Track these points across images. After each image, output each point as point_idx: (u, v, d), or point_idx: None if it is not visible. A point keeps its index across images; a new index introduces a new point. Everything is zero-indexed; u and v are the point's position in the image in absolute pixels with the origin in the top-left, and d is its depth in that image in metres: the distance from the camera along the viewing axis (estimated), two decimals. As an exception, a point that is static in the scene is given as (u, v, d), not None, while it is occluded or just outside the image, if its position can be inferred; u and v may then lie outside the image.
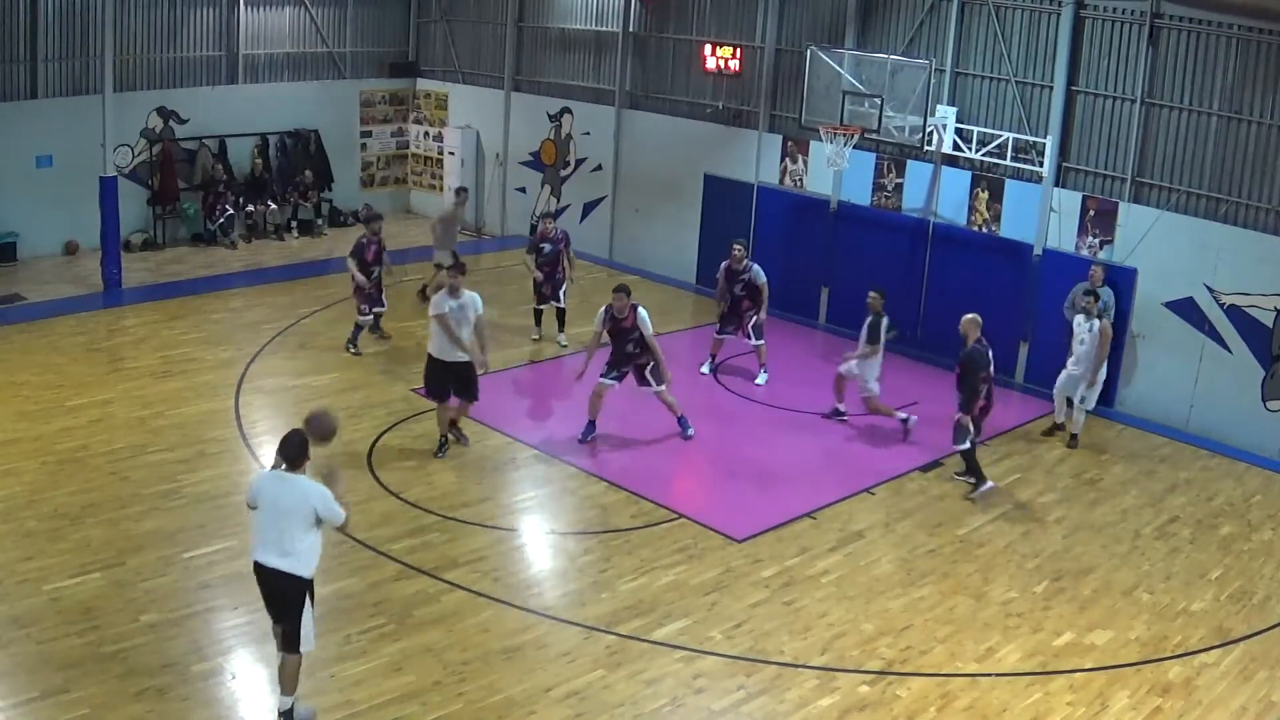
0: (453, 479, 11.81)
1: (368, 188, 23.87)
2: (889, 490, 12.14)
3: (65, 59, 19.07)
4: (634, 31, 20.24)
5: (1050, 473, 12.92)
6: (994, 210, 15.83)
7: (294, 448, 7.59)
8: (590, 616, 9.37)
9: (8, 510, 10.47)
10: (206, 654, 8.48)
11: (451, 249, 17.01)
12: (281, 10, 21.86)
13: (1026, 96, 15.45)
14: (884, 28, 16.84)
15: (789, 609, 9.69)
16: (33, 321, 15.98)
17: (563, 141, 21.69)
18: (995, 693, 8.64)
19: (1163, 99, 14.26)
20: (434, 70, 23.86)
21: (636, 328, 12.60)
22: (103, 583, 9.33)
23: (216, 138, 20.99)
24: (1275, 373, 13.63)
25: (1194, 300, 14.13)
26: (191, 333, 15.89)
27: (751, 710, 8.29)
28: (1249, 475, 13.16)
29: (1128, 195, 14.69)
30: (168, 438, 12.33)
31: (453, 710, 8.07)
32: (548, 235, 16.16)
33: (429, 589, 9.63)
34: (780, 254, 18.25)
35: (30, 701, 7.79)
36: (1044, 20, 15.14)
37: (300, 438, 7.67)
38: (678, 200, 19.70)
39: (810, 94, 15.83)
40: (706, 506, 11.56)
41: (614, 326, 12.65)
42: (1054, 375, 14.22)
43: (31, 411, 12.79)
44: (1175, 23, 14.01)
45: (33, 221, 18.83)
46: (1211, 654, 9.34)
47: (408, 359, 15.11)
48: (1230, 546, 11.34)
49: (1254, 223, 13.71)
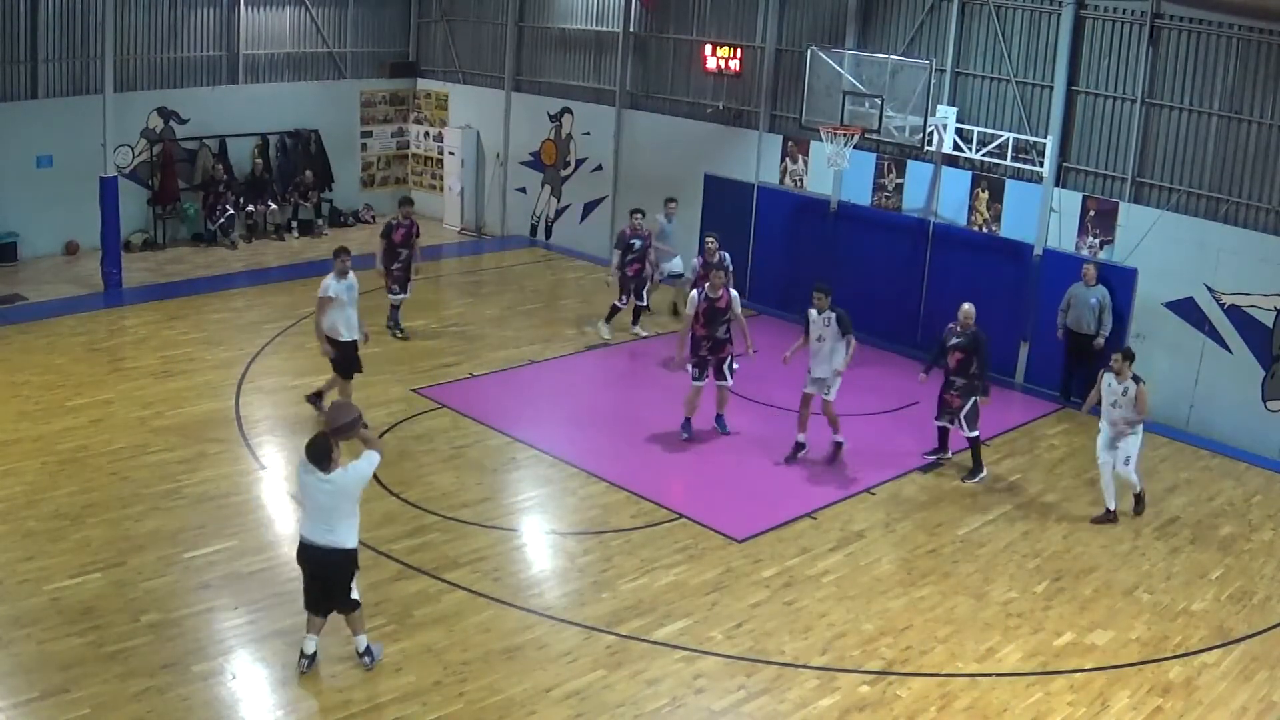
0: (453, 479, 11.81)
1: (368, 188, 23.87)
2: (889, 490, 12.13)
3: (65, 59, 19.08)
4: (634, 31, 20.24)
5: (1050, 473, 12.92)
6: (994, 210, 15.83)
7: (319, 451, 8.03)
8: (590, 616, 9.37)
9: (8, 510, 10.47)
10: (206, 654, 8.48)
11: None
12: (282, 10, 21.86)
13: (1027, 96, 15.45)
14: (884, 28, 16.84)
15: (789, 609, 9.68)
16: (33, 321, 15.98)
17: (563, 141, 21.70)
18: (995, 693, 8.64)
19: (1163, 99, 14.26)
20: (434, 70, 23.86)
21: (730, 308, 12.75)
22: (103, 583, 9.33)
23: (217, 138, 21.00)
24: (1275, 373, 13.63)
25: (1194, 300, 14.13)
26: (191, 333, 15.89)
27: (752, 710, 8.29)
28: (1249, 475, 13.16)
29: (1128, 195, 14.69)
30: (168, 438, 12.32)
31: (453, 710, 8.07)
32: (638, 232, 16.28)
33: (429, 589, 9.63)
34: (780, 254, 18.28)
35: (30, 701, 7.79)
36: (1044, 20, 15.14)
37: (324, 441, 8.09)
38: (678, 200, 19.65)
39: (810, 94, 15.83)
40: (706, 506, 11.55)
41: (708, 308, 12.71)
42: (1054, 375, 14.26)
43: (32, 411, 12.79)
44: (1175, 23, 14.01)
45: (33, 221, 18.83)
46: (1212, 654, 9.33)
47: (407, 359, 15.12)
48: (1230, 546, 11.34)
49: (1254, 223, 13.71)
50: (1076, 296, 14.46)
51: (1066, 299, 14.54)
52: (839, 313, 12.45)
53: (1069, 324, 14.58)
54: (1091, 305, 14.29)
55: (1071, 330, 14.56)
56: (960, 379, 12.29)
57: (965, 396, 12.29)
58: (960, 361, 12.23)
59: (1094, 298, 14.29)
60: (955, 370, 12.31)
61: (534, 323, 17.21)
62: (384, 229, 15.91)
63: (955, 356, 12.27)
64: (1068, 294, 14.55)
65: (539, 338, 16.49)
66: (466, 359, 15.47)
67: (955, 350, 12.26)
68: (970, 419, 12.31)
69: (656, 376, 15.18)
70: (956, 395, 12.34)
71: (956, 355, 12.26)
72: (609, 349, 16.18)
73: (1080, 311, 14.41)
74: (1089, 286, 14.36)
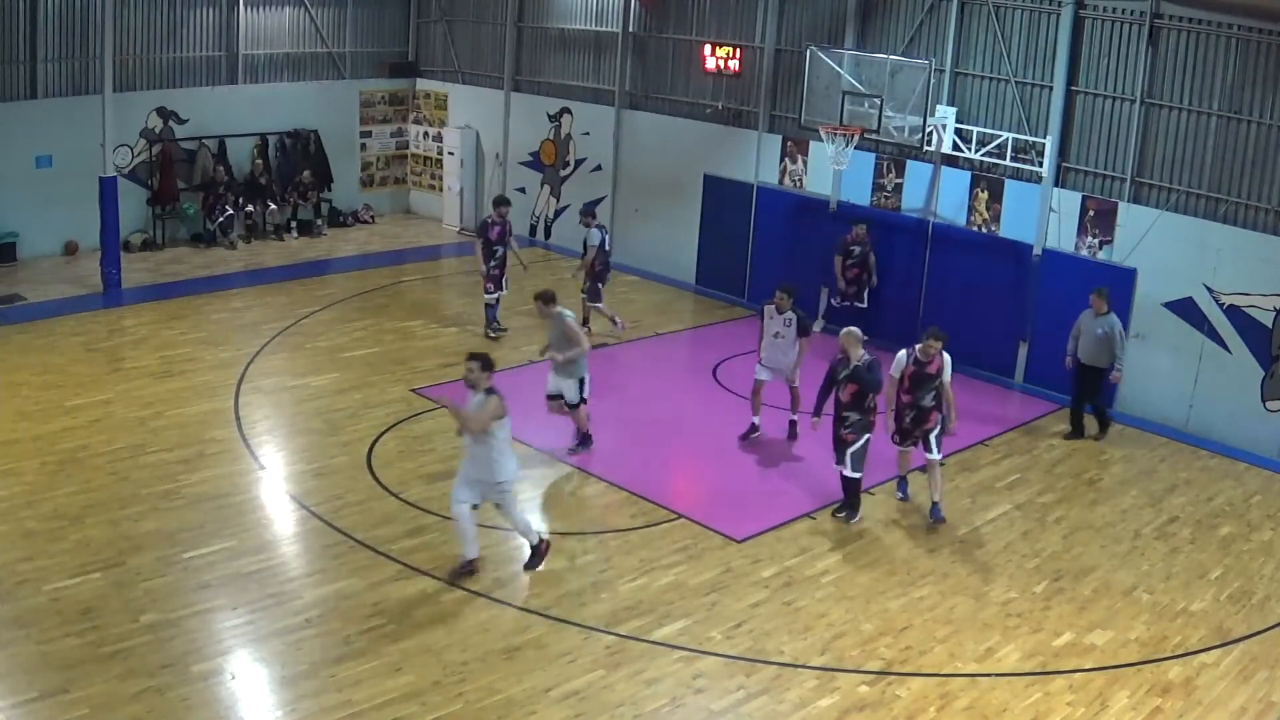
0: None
1: (367, 188, 23.88)
2: (889, 490, 12.13)
3: (65, 59, 19.07)
4: (634, 31, 20.24)
5: (1050, 473, 12.92)
6: (994, 210, 15.83)
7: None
8: (590, 616, 9.37)
9: (8, 510, 10.46)
10: (206, 654, 8.48)
11: None
12: (281, 10, 21.85)
13: (1026, 96, 15.45)
14: (884, 28, 16.84)
15: (789, 609, 9.68)
16: (32, 322, 15.98)
17: (562, 141, 21.70)
18: (995, 693, 8.64)
19: (1162, 99, 14.27)
20: (434, 70, 23.86)
21: (940, 375, 11.20)
22: (102, 583, 9.33)
23: (216, 138, 20.99)
24: (1275, 373, 13.63)
25: (1194, 300, 14.13)
26: (191, 333, 15.89)
27: (751, 710, 8.29)
28: (1249, 475, 13.16)
29: (1127, 195, 14.69)
30: (167, 438, 12.32)
31: (453, 710, 8.07)
32: (859, 238, 16.36)
33: (429, 589, 9.63)
34: (780, 254, 18.28)
35: (30, 701, 7.79)
36: (1044, 20, 15.14)
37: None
38: (678, 200, 19.70)
39: (810, 94, 15.83)
40: (706, 506, 11.56)
41: (916, 372, 11.24)
42: (1054, 375, 14.22)
43: (31, 411, 12.79)
44: (1175, 23, 14.01)
45: (33, 221, 18.83)
46: (1211, 654, 9.33)
47: (407, 358, 15.12)
48: (1230, 546, 11.35)
49: (1254, 223, 13.71)
50: (1084, 327, 13.55)
51: (1076, 327, 13.66)
52: (800, 315, 12.72)
53: (1079, 354, 13.64)
54: (1098, 336, 13.39)
55: (1081, 361, 13.64)
56: (854, 414, 11.03)
57: (859, 433, 11.05)
58: (854, 394, 11.01)
59: (1101, 329, 13.38)
60: (848, 404, 11.06)
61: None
62: (479, 226, 16.37)
63: (848, 389, 11.04)
64: (1077, 322, 13.65)
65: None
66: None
67: (846, 382, 11.08)
68: (857, 459, 11.10)
69: (656, 376, 15.18)
70: (850, 432, 11.06)
71: (849, 388, 11.03)
72: (609, 349, 16.18)
73: (1087, 342, 13.52)
74: (1098, 316, 13.45)
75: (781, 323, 12.74)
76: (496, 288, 16.19)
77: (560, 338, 12.25)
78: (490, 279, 16.07)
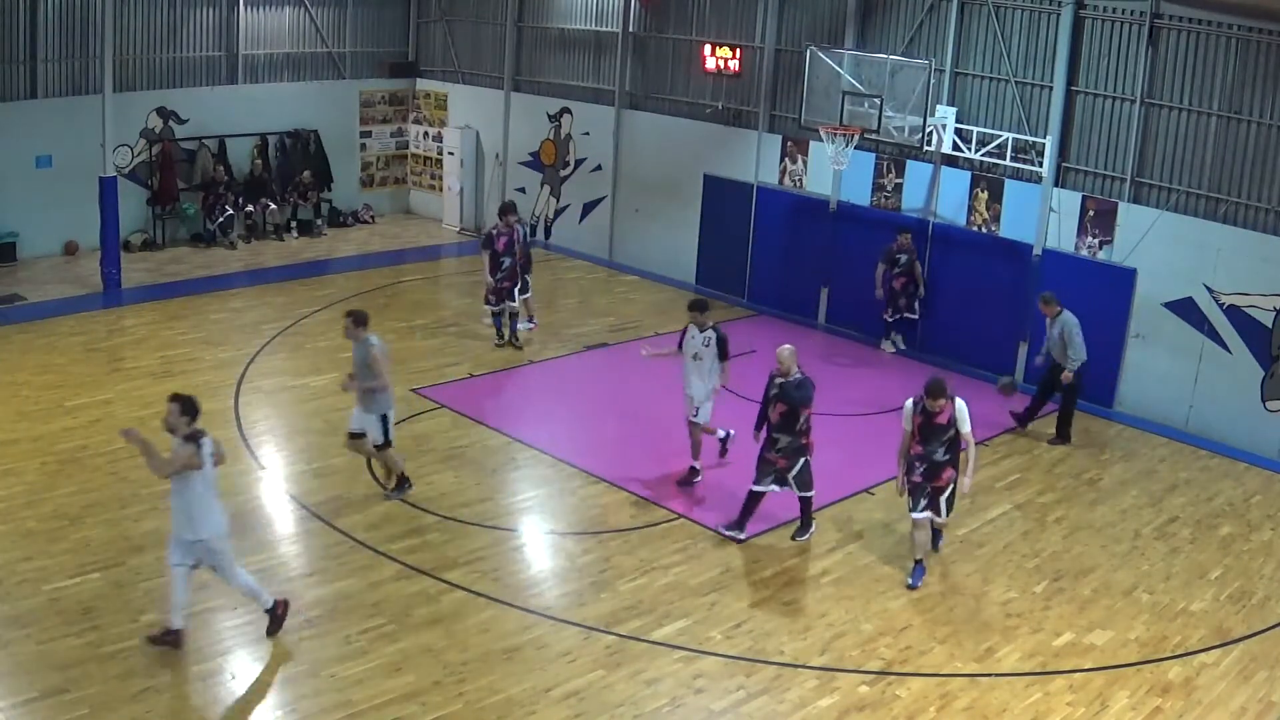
0: (452, 479, 11.81)
1: (367, 188, 23.88)
2: (889, 490, 12.11)
3: (65, 59, 19.07)
4: (634, 31, 20.24)
5: (1050, 473, 12.92)
6: (994, 210, 15.83)
7: None
8: (590, 616, 9.37)
9: (8, 510, 10.47)
10: (206, 654, 8.48)
11: None
12: (281, 10, 21.86)
13: (1026, 96, 15.45)
14: (884, 28, 16.84)
15: (789, 609, 9.69)
16: (32, 322, 15.98)
17: (562, 141, 21.69)
18: (995, 693, 8.64)
19: (1162, 99, 14.27)
20: (434, 70, 23.86)
21: (952, 425, 9.90)
22: (102, 583, 9.34)
23: (216, 138, 20.99)
24: (1275, 373, 13.63)
25: (1193, 300, 14.13)
26: (191, 333, 15.89)
27: (751, 710, 8.29)
28: (1249, 475, 13.16)
29: (1127, 195, 14.69)
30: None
31: (453, 710, 8.07)
32: (904, 246, 16.14)
33: (429, 589, 9.63)
34: (780, 254, 18.28)
35: (30, 701, 7.79)
36: (1044, 20, 15.14)
37: None
38: (678, 200, 19.70)
39: (810, 94, 15.83)
40: (706, 506, 11.56)
41: (924, 423, 9.90)
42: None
43: (31, 411, 12.79)
44: (1175, 23, 14.01)
45: (32, 221, 18.83)
46: (1211, 654, 9.33)
47: (407, 359, 15.11)
48: (1230, 546, 11.34)
49: (1254, 223, 13.71)
50: (1047, 328, 13.51)
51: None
52: (720, 334, 11.42)
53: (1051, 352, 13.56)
54: (1055, 339, 13.35)
55: (1053, 358, 13.53)
56: (785, 436, 10.29)
57: (792, 458, 10.35)
58: (784, 415, 10.22)
59: (1057, 329, 13.31)
60: (778, 425, 10.28)
61: (546, 323, 17.17)
62: (484, 239, 15.60)
63: (777, 409, 10.25)
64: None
65: (538, 338, 16.49)
66: (466, 359, 15.47)
67: (775, 401, 10.27)
68: (802, 480, 10.47)
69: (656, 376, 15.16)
70: (780, 456, 10.33)
71: (778, 408, 10.24)
72: (609, 349, 16.19)
73: (1050, 343, 13.46)
74: (1050, 319, 13.37)
75: (701, 342, 11.33)
76: (509, 298, 15.62)
77: (361, 366, 10.72)
78: (494, 291, 15.55)
